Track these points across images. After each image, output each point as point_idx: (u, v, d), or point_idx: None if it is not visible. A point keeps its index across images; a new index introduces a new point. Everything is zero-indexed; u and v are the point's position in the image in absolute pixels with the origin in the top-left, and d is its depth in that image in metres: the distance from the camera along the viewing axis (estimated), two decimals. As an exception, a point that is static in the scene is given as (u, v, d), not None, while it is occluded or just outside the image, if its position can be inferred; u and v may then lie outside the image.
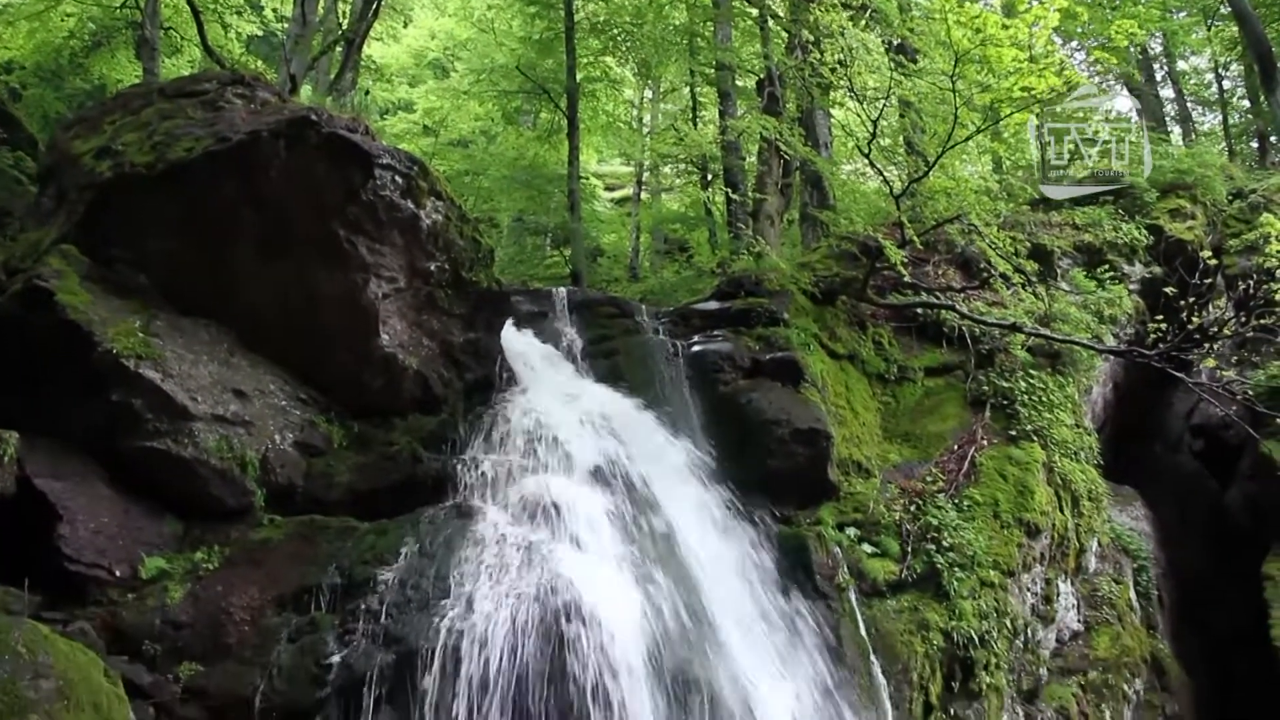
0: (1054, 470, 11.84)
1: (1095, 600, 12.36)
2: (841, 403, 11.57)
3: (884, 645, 9.46)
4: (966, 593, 10.05)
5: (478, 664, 7.23)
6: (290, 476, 8.99)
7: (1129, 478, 14.78)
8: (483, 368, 10.26)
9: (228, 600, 7.98)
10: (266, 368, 9.31)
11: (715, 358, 11.18)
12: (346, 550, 8.28)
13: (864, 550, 10.18)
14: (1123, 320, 14.71)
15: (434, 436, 9.41)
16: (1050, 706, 10.90)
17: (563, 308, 12.12)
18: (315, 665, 7.49)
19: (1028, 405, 12.16)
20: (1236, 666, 13.22)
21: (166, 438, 8.39)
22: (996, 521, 10.80)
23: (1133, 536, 13.71)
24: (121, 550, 8.06)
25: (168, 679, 7.55)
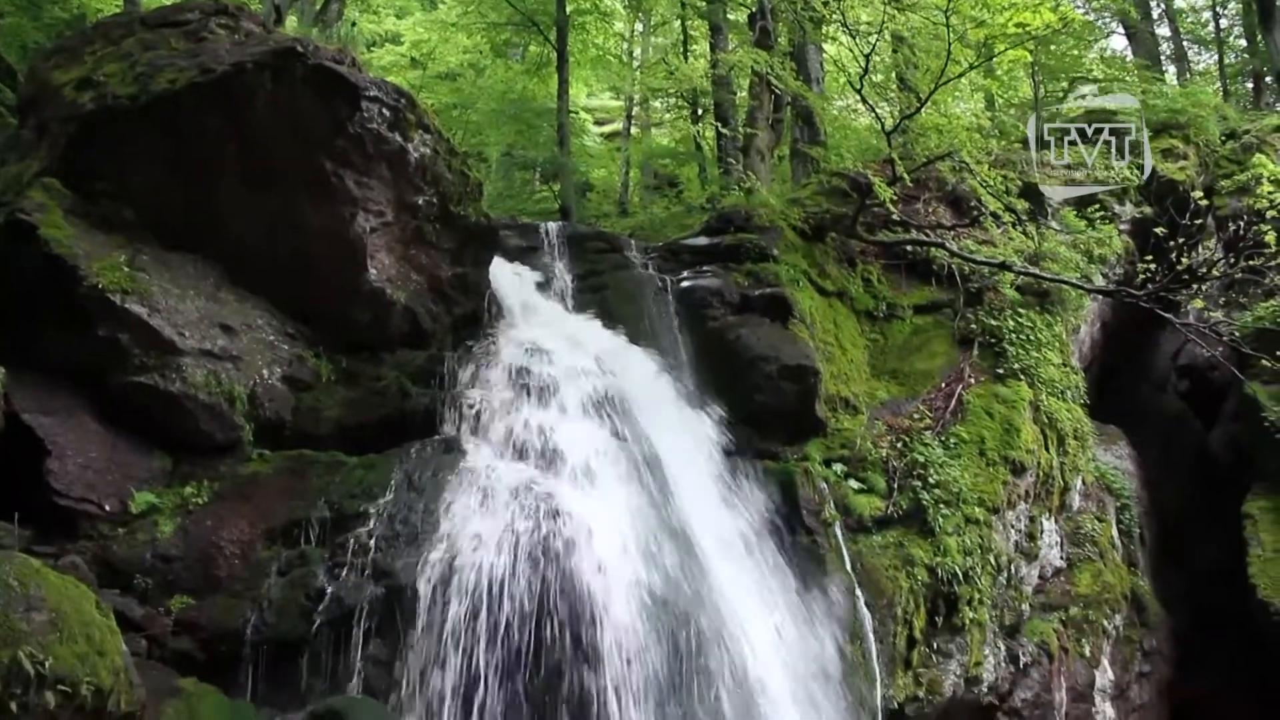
0: (1040, 409, 11.90)
1: (1078, 538, 12.50)
2: (830, 339, 11.58)
3: (869, 580, 9.58)
4: (951, 529, 10.15)
5: (466, 596, 7.31)
6: (279, 411, 8.99)
7: (1114, 417, 14.88)
8: (471, 302, 10.23)
9: (218, 534, 8.03)
10: (254, 302, 9.26)
11: (704, 293, 11.16)
12: (335, 485, 8.32)
13: (850, 486, 10.26)
14: (1112, 260, 14.70)
15: (422, 371, 9.40)
16: (1031, 641, 11.07)
17: (552, 243, 12.05)
18: (305, 598, 7.56)
19: (1016, 344, 12.19)
20: (1214, 603, 13.42)
21: (154, 373, 8.37)
22: (982, 459, 10.88)
23: (1116, 475, 13.84)
24: (111, 485, 8.08)
25: (159, 612, 7.61)
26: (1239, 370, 13.16)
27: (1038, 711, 10.87)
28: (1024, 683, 10.87)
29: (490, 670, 7.12)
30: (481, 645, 7.17)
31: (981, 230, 13.52)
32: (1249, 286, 14.16)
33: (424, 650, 7.20)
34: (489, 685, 7.10)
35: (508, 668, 7.14)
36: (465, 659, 7.14)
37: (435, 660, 7.16)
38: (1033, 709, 10.84)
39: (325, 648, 7.35)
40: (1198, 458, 14.98)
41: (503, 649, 7.17)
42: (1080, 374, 13.36)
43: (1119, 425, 14.90)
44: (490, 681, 7.11)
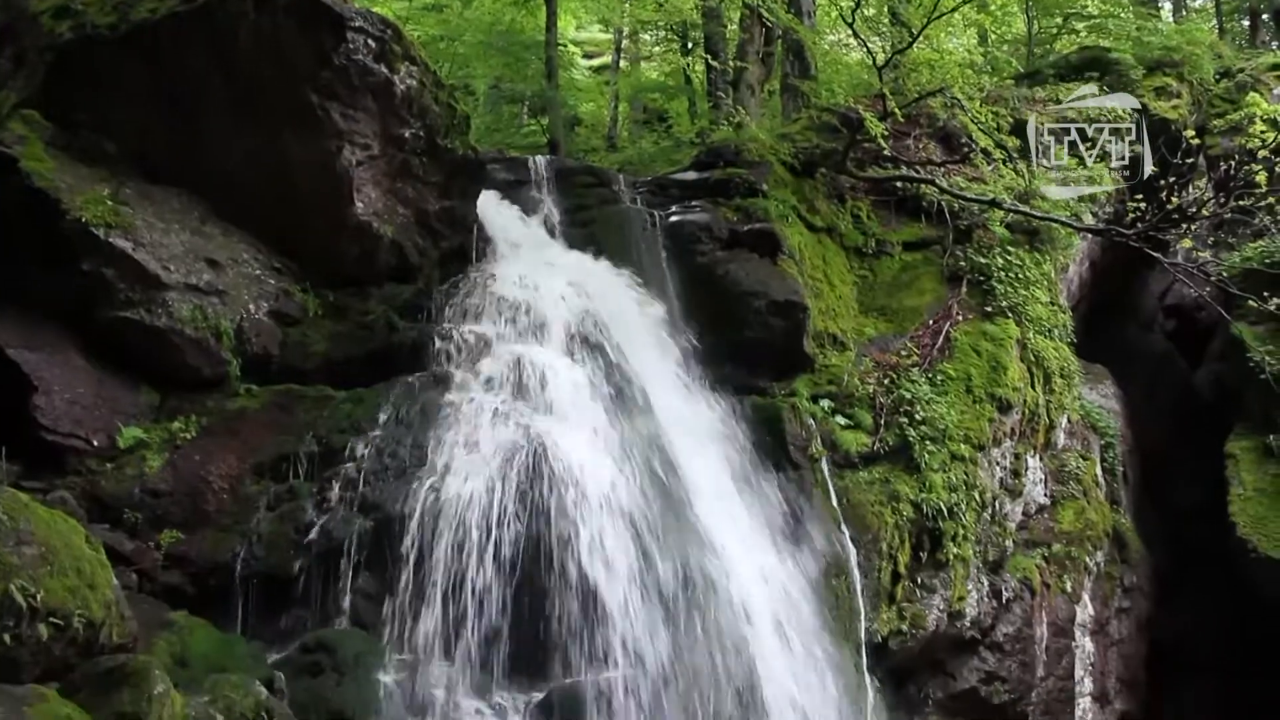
0: (1027, 347, 11.93)
1: (1062, 475, 12.60)
2: (818, 275, 11.56)
3: (854, 515, 9.65)
4: (937, 465, 10.21)
5: (454, 530, 7.36)
6: (266, 346, 8.96)
7: (1101, 356, 14.93)
8: (458, 236, 10.16)
9: (206, 469, 8.04)
10: (240, 237, 9.19)
11: (693, 228, 11.10)
12: (323, 419, 8.33)
13: (837, 422, 10.30)
14: (1102, 199, 14.65)
15: (410, 305, 9.38)
16: (1014, 577, 11.20)
17: (540, 177, 11.95)
18: (294, 532, 7.61)
19: (1004, 282, 12.18)
20: (1194, 540, 13.59)
21: (139, 308, 8.32)
22: (969, 396, 10.92)
23: (1101, 414, 13.92)
24: (98, 420, 8.07)
25: (149, 546, 7.65)
26: (1226, 310, 13.18)
27: (1019, 646, 11.03)
28: (1006, 618, 11.02)
29: (479, 601, 7.20)
30: (470, 577, 7.24)
31: (972, 167, 13.45)
32: (1238, 227, 14.14)
33: (413, 582, 7.26)
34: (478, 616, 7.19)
35: (496, 599, 7.22)
36: (454, 591, 7.21)
37: (424, 592, 7.23)
38: (1014, 643, 11.00)
39: (314, 581, 7.42)
40: (1182, 397, 15.07)
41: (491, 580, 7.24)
42: (1068, 313, 13.38)
43: (1105, 364, 14.96)
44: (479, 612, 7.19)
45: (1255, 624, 12.48)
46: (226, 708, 5.85)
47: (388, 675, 6.92)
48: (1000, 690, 10.82)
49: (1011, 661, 10.96)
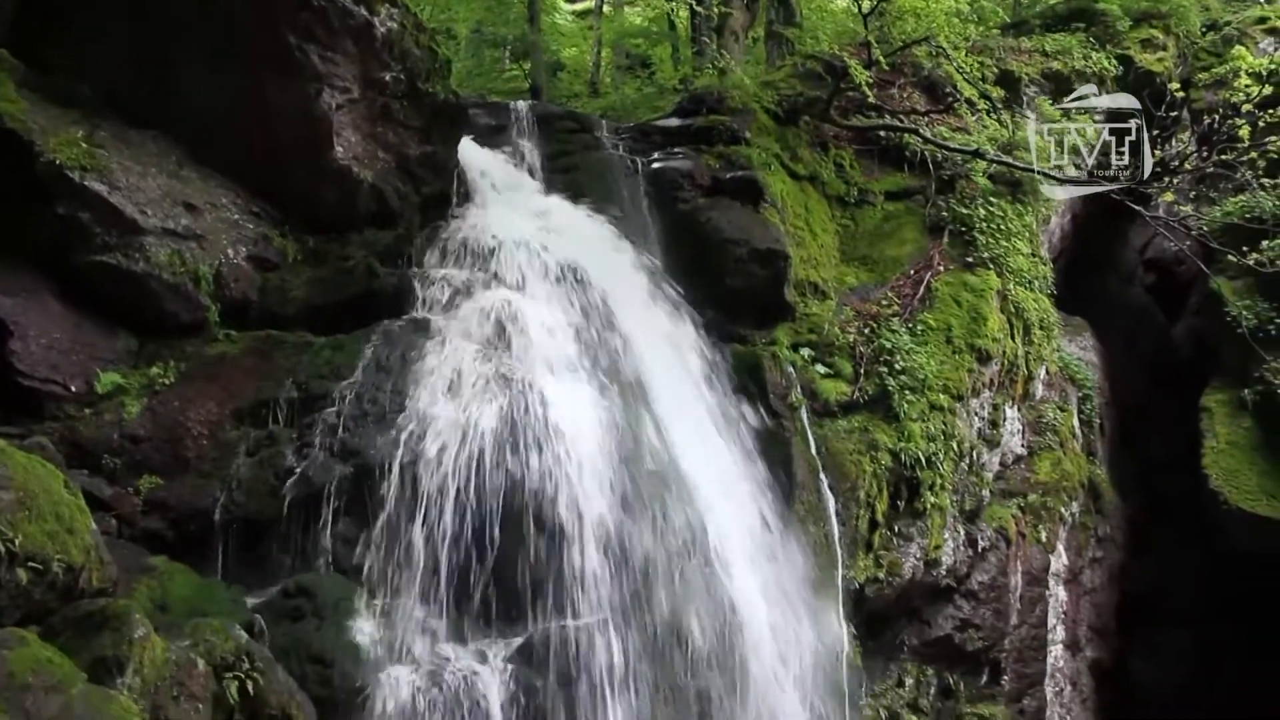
0: (1008, 298, 11.96)
1: (1040, 426, 12.71)
2: (800, 224, 11.53)
3: (833, 464, 9.72)
4: (916, 415, 10.27)
5: (434, 476, 7.37)
6: (245, 291, 8.89)
7: (1081, 308, 15.00)
8: (439, 181, 10.07)
9: (185, 415, 8.00)
10: (217, 181, 9.08)
11: (675, 175, 11.05)
12: (303, 364, 8.29)
13: (817, 371, 10.34)
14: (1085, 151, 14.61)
15: (390, 251, 9.30)
16: (990, 526, 11.32)
17: (522, 122, 11.84)
18: (274, 478, 7.60)
19: (986, 233, 12.18)
20: (1167, 492, 13.76)
21: (116, 252, 8.23)
22: (949, 346, 10.96)
23: (1080, 366, 14.01)
24: (75, 365, 8.01)
25: (128, 492, 7.63)
26: (1205, 265, 13.25)
27: (993, 594, 11.18)
28: (981, 566, 11.16)
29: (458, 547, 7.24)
30: (449, 523, 7.26)
31: (956, 117, 13.40)
32: (1220, 181, 14.15)
33: (393, 528, 7.28)
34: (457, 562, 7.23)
35: (476, 545, 7.26)
36: (434, 536, 7.24)
37: (404, 538, 7.25)
38: (989, 591, 11.15)
39: (294, 526, 7.42)
40: (1160, 351, 15.18)
41: (471, 527, 7.27)
42: (1049, 265, 13.41)
43: (1085, 317, 15.03)
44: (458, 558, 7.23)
45: (1224, 574, 12.71)
46: (207, 651, 5.87)
47: (367, 620, 6.96)
48: (974, 637, 10.99)
49: (986, 609, 11.11)
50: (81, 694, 5.10)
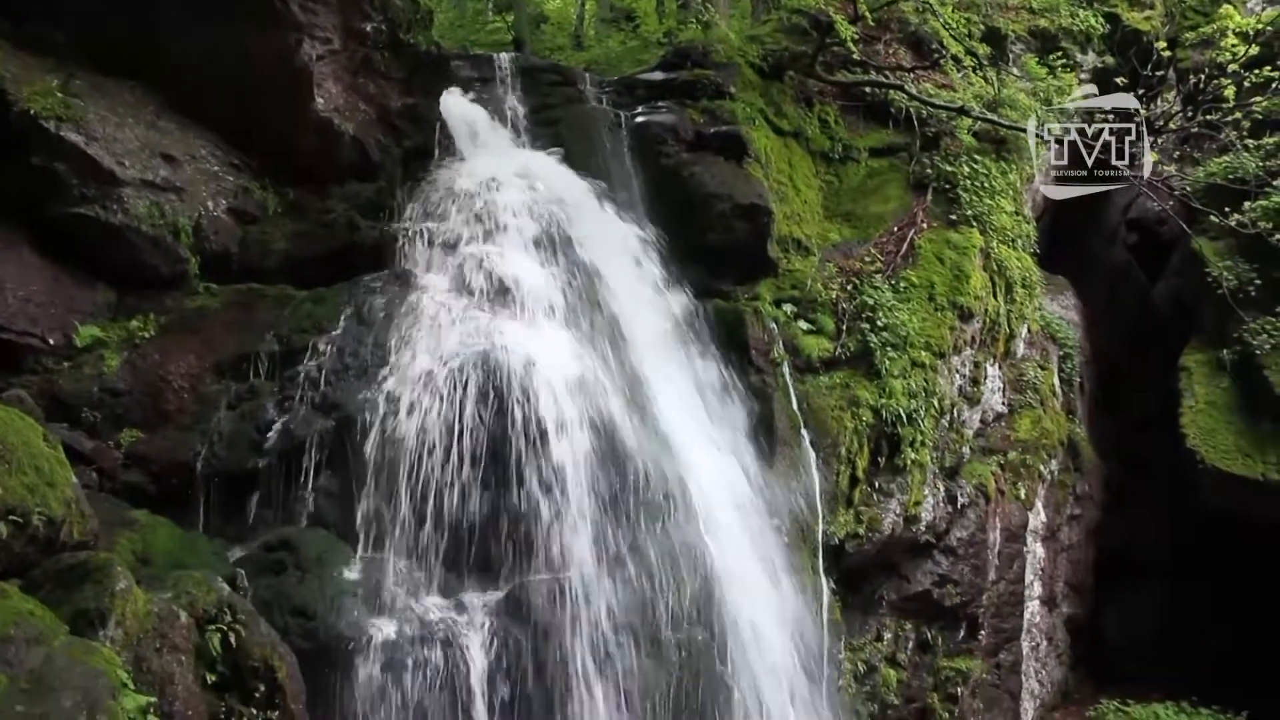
0: (991, 256, 11.97)
1: (1020, 384, 12.77)
2: (784, 180, 11.49)
3: (815, 420, 9.75)
4: (897, 372, 10.29)
5: (416, 430, 7.38)
6: (225, 244, 8.84)
7: (1063, 268, 15.05)
8: (421, 134, 9.97)
9: (165, 368, 7.99)
10: (196, 132, 8.99)
11: (659, 129, 10.97)
12: (284, 318, 8.27)
13: (800, 327, 10.34)
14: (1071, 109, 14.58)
15: (371, 204, 9.24)
16: (970, 483, 11.40)
17: (505, 75, 11.72)
18: (255, 431, 7.61)
19: (970, 190, 12.15)
20: (1145, 451, 13.88)
21: (94, 204, 8.16)
22: (931, 304, 10.97)
23: (1061, 325, 14.07)
24: (54, 319, 7.96)
25: (108, 445, 7.63)
26: (1187, 225, 13.29)
27: (972, 550, 11.28)
28: (960, 522, 11.25)
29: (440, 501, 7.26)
30: (431, 477, 7.29)
31: (941, 74, 13.34)
32: (1204, 141, 14.17)
33: (374, 482, 7.30)
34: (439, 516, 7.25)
35: (458, 499, 7.28)
36: (415, 490, 7.26)
37: (385, 492, 7.27)
38: (967, 547, 11.25)
39: (276, 480, 7.44)
40: (1141, 310, 15.25)
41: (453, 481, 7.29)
42: (1032, 223, 13.42)
43: (1067, 276, 15.08)
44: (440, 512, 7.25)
45: (1199, 532, 12.86)
46: (189, 604, 5.89)
47: (350, 573, 7.00)
48: (952, 593, 11.10)
49: (964, 565, 11.22)
50: (64, 646, 5.11)
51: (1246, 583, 12.50)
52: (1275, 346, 12.12)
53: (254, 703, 5.93)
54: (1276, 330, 12.17)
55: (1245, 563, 12.44)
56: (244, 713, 5.88)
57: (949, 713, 11.11)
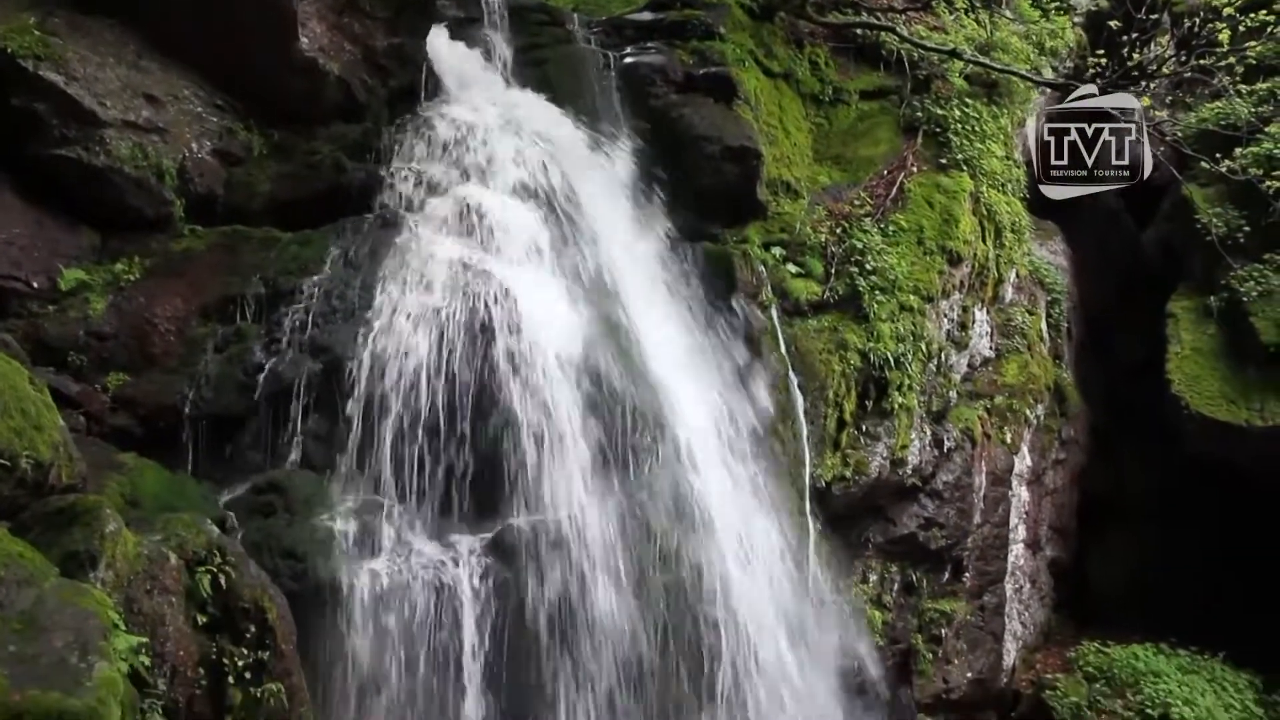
0: (980, 200, 11.93)
1: (1008, 329, 12.79)
2: (774, 122, 11.38)
3: (803, 363, 9.76)
4: (886, 315, 10.30)
5: (404, 373, 7.38)
6: (210, 186, 8.75)
7: (1052, 213, 14.97)
8: (407, 74, 9.82)
9: (151, 311, 7.94)
10: (179, 72, 8.84)
11: (647, 70, 10.81)
12: (270, 260, 8.21)
13: (788, 270, 10.31)
14: (1063, 53, 14.49)
15: (357, 146, 9.13)
16: (956, 427, 11.45)
17: (492, 14, 11.49)
18: (242, 374, 7.58)
19: (960, 134, 12.08)
20: (1130, 397, 13.94)
21: (76, 145, 8.05)
22: (920, 248, 10.94)
23: (1050, 270, 14.06)
24: (37, 262, 7.90)
25: (95, 389, 7.61)
26: (1178, 171, 13.23)
27: (958, 493, 11.36)
28: (946, 466, 11.32)
29: (429, 444, 7.28)
30: (420, 420, 7.30)
31: (934, 16, 13.21)
32: (1197, 86, 14.08)
33: (363, 425, 7.30)
34: (428, 459, 7.27)
35: (446, 442, 7.30)
36: (404, 433, 7.28)
37: (374, 435, 7.28)
38: (953, 491, 11.33)
39: (264, 423, 7.44)
40: (1129, 257, 15.24)
41: (441, 424, 7.31)
42: (1022, 167, 13.35)
43: (1056, 221, 15.03)
44: (429, 455, 7.28)
45: (1182, 477, 12.96)
46: (179, 545, 5.90)
47: (339, 515, 7.02)
48: (938, 536, 11.19)
49: (950, 509, 11.30)
50: (54, 588, 5.13)
51: (1229, 528, 12.62)
52: (1263, 293, 12.14)
53: (245, 643, 5.97)
54: (1264, 277, 12.18)
55: (1228, 509, 12.56)
56: (235, 653, 5.93)
57: (933, 653, 11.27)
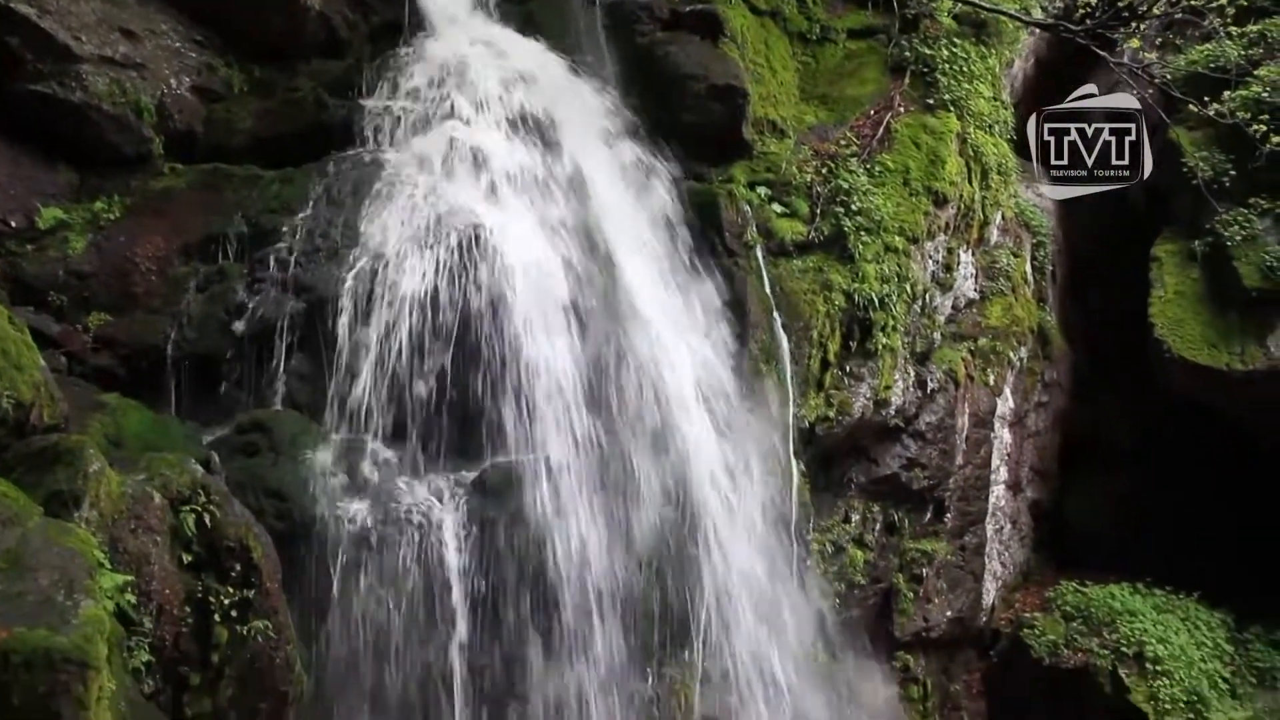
0: (967, 142, 11.85)
1: (993, 271, 12.77)
2: (760, 60, 11.25)
3: (787, 303, 9.74)
4: (871, 256, 10.27)
5: (388, 311, 7.36)
6: (190, 123, 8.68)
7: (1039, 154, 14.92)
8: (390, 10, 9.68)
9: (132, 250, 7.91)
10: (157, 7, 8.76)
11: (633, 7, 10.61)
12: (252, 199, 8.17)
13: (774, 210, 10.24)
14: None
15: (339, 82, 9.03)
16: (940, 368, 11.47)
17: (477, -50, 11.36)
18: (225, 314, 7.56)
19: (948, 74, 11.96)
20: (1113, 340, 13.98)
21: (51, 80, 7.97)
22: (906, 189, 10.88)
23: (1035, 213, 14.01)
24: (14, 200, 7.86)
25: (76, 329, 7.59)
26: (1166, 114, 13.15)
27: (940, 435, 11.42)
28: (930, 407, 11.35)
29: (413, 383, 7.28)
30: (404, 357, 7.30)
31: (922, -46, 13.01)
32: (1187, 28, 13.91)
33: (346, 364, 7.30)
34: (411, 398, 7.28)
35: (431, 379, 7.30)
36: (388, 373, 7.27)
37: (358, 374, 7.27)
38: (936, 432, 11.38)
39: (248, 363, 7.44)
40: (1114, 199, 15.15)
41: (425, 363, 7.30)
42: (1010, 109, 13.27)
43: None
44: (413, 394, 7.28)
45: (1163, 421, 13.05)
46: (163, 485, 5.91)
47: (323, 455, 7.03)
48: (920, 476, 11.27)
49: (932, 449, 11.36)
50: (39, 527, 5.14)
51: (1208, 471, 12.74)
52: (1246, 238, 12.13)
53: (230, 581, 6.00)
54: (1249, 221, 12.17)
55: (1207, 452, 12.66)
56: (221, 591, 5.96)
57: (913, 592, 11.39)
